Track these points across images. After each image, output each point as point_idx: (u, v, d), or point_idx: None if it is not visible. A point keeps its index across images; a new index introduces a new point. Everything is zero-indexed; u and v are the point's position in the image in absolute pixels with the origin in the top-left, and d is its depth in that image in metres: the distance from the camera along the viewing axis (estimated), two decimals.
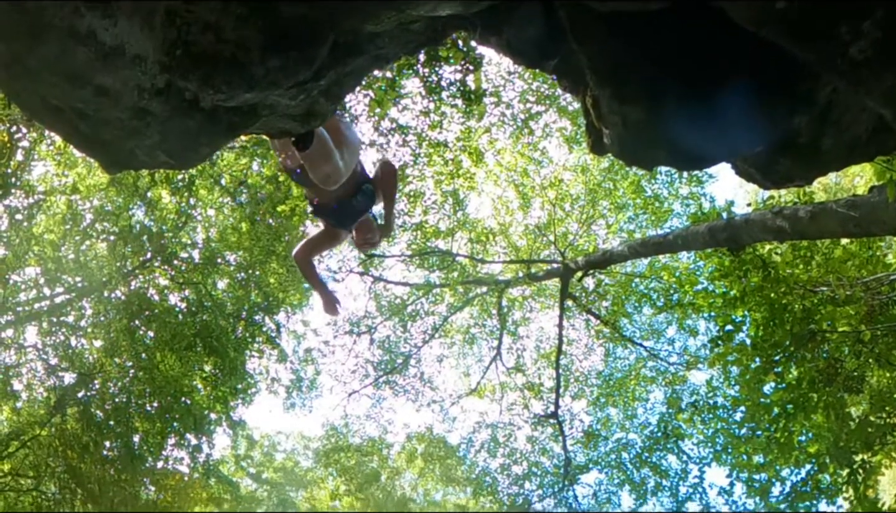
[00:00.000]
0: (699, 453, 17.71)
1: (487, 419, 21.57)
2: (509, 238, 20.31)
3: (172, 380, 14.99)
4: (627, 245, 15.36)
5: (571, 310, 19.93)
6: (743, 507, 15.49)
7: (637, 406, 20.48)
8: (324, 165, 3.98)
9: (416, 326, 20.50)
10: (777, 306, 12.08)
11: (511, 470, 20.72)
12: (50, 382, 13.92)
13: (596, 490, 19.70)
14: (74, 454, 13.01)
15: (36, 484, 13.48)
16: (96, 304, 13.62)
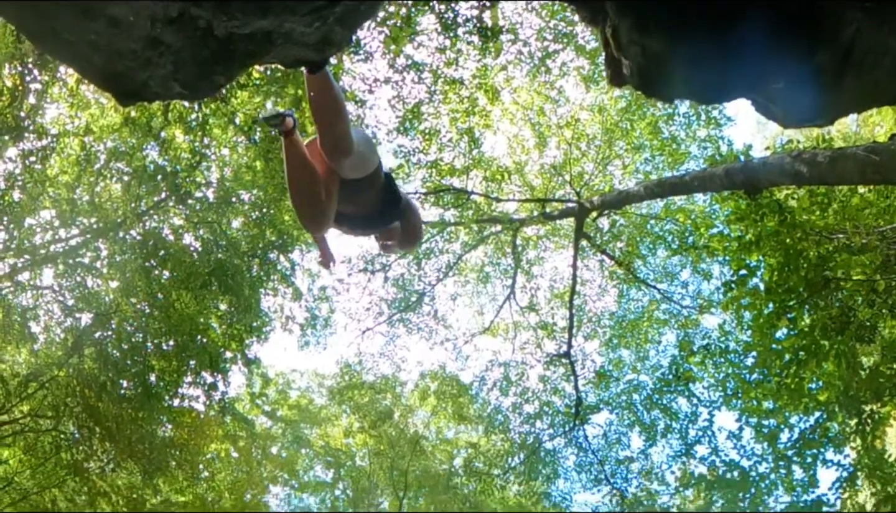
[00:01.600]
0: (709, 396, 17.78)
1: (500, 358, 21.65)
2: (524, 177, 20.21)
3: (188, 318, 15.09)
4: (643, 185, 15.27)
5: (585, 250, 19.91)
6: (751, 452, 15.55)
7: (649, 348, 20.57)
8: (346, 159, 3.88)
9: (430, 264, 20.50)
10: (792, 252, 11.99)
11: (522, 409, 20.86)
12: (67, 323, 14.04)
13: (606, 431, 19.87)
14: (92, 393, 13.18)
15: (55, 424, 13.69)
16: (111, 244, 13.67)
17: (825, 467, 13.84)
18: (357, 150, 3.73)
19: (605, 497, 19.70)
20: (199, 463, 16.80)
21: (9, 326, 12.52)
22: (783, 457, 14.50)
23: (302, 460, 25.04)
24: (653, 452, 19.29)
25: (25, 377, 13.62)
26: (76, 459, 13.50)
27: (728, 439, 16.48)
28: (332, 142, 3.62)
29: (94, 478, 13.80)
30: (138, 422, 14.18)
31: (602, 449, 19.88)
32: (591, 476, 19.93)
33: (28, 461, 14.65)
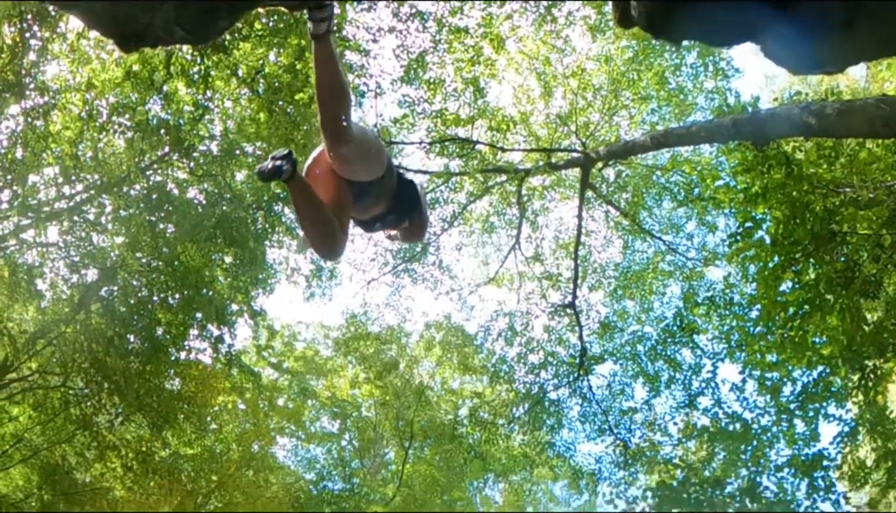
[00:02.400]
0: (713, 348, 17.83)
1: (505, 308, 21.68)
2: (530, 127, 20.05)
3: (193, 271, 15.13)
4: (649, 135, 15.15)
5: (591, 201, 19.84)
6: (754, 405, 15.64)
7: (654, 300, 20.59)
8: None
9: (435, 214, 20.41)
10: (798, 205, 11.91)
11: (527, 359, 20.91)
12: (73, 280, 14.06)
13: (610, 381, 19.97)
14: (99, 348, 13.25)
15: (63, 380, 13.79)
16: (115, 199, 13.63)
17: (827, 421, 13.94)
18: (358, 140, 3.62)
19: (609, 447, 19.85)
20: (207, 416, 16.96)
21: (15, 284, 12.55)
22: (785, 410, 14.59)
23: (308, 411, 25.23)
24: (656, 403, 19.41)
25: (33, 335, 13.70)
26: (85, 413, 13.60)
27: (731, 392, 16.57)
28: (329, 124, 3.50)
29: (103, 432, 13.92)
30: (146, 376, 14.28)
31: (606, 400, 19.99)
32: (594, 426, 20.06)
33: (37, 418, 14.80)
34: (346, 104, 3.50)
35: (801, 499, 14.28)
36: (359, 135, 3.64)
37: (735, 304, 16.75)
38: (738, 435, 15.92)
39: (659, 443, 19.40)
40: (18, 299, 13.04)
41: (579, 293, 19.72)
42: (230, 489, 16.93)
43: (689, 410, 18.52)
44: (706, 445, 17.39)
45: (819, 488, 13.77)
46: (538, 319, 21.35)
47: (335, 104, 3.48)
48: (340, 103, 3.49)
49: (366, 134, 3.80)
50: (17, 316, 13.96)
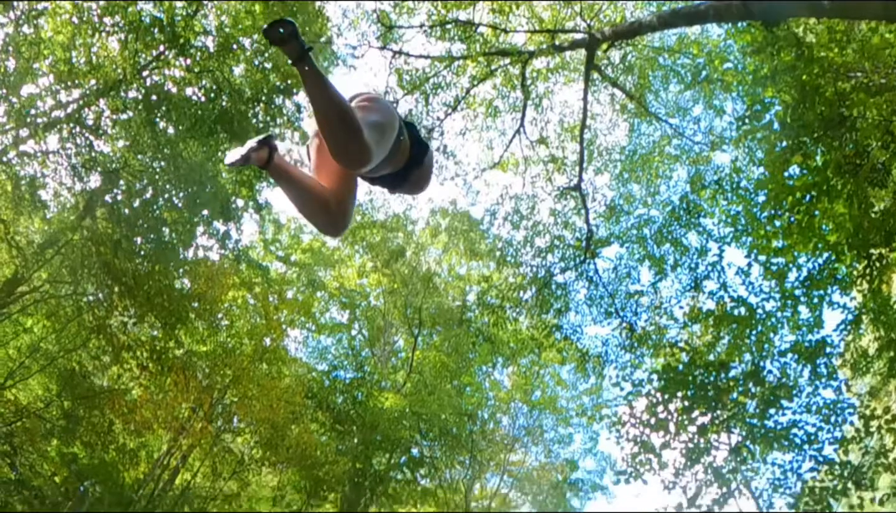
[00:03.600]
0: (719, 232, 17.78)
1: (510, 192, 21.58)
2: (533, 9, 19.48)
3: (196, 167, 15.03)
4: (657, 15, 14.75)
5: (596, 83, 19.47)
6: (759, 289, 15.70)
7: (660, 184, 20.44)
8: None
9: (438, 99, 20.05)
10: (808, 88, 11.68)
11: (534, 242, 20.93)
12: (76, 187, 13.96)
13: (616, 264, 20.04)
14: (107, 251, 13.27)
15: (74, 288, 13.87)
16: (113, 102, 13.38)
17: (831, 308, 14.03)
18: (376, 149, 3.10)
19: (615, 330, 20.09)
20: (218, 312, 17.15)
21: (19, 197, 12.48)
22: (790, 296, 14.66)
23: (317, 302, 25.47)
24: (662, 286, 19.52)
25: (41, 245, 13.72)
26: (98, 318, 13.75)
27: (737, 276, 16.62)
28: (339, 157, 3.00)
29: (116, 334, 14.10)
30: (155, 277, 14.35)
31: (612, 283, 20.11)
32: (601, 309, 20.24)
33: (51, 327, 14.98)
34: (353, 128, 2.90)
35: (803, 385, 14.54)
36: (374, 134, 3.08)
37: (742, 188, 16.61)
38: (742, 319, 16.06)
39: (664, 326, 19.62)
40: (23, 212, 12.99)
41: (585, 177, 19.63)
42: (244, 383, 17.26)
43: (695, 293, 18.66)
44: (711, 329, 17.58)
45: (821, 374, 14.00)
46: (544, 203, 21.34)
47: (342, 133, 2.93)
48: (347, 128, 2.92)
49: (382, 128, 3.21)
50: (24, 228, 13.95)
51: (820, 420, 14.17)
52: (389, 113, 3.34)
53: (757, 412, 15.61)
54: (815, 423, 14.31)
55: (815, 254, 13.60)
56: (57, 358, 14.83)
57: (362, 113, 3.08)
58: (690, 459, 16.70)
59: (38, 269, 13.49)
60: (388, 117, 3.30)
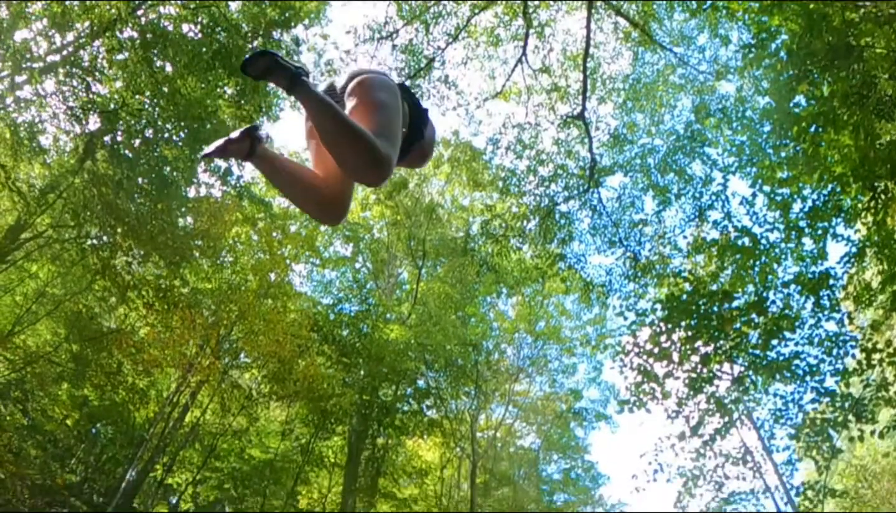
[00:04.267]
0: (724, 162, 17.64)
1: (513, 121, 21.36)
2: None
3: (195, 103, 14.89)
4: None
5: (600, 11, 19.12)
6: (763, 219, 15.63)
7: (664, 113, 20.21)
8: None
9: (439, 28, 19.70)
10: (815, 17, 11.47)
11: (537, 172, 20.81)
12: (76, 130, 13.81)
13: (620, 193, 19.97)
14: (109, 192, 13.22)
15: (77, 231, 13.84)
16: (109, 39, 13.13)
17: (835, 240, 14.00)
18: (394, 155, 2.81)
19: (619, 260, 20.11)
20: (222, 249, 17.16)
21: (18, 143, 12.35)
22: (794, 227, 14.62)
23: (321, 236, 25.39)
24: (666, 215, 19.47)
25: (42, 190, 13.67)
26: (102, 259, 13.76)
27: (741, 206, 16.56)
28: (361, 181, 2.79)
29: (122, 274, 14.13)
30: (158, 215, 14.33)
31: (616, 212, 20.06)
32: (604, 239, 20.23)
33: (56, 271, 15.02)
34: (367, 148, 2.59)
35: (805, 317, 14.61)
36: (389, 140, 2.78)
37: (747, 118, 16.44)
38: (746, 250, 16.05)
39: (668, 256, 19.63)
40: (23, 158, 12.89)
41: (588, 106, 19.42)
42: (250, 318, 17.35)
43: (699, 223, 18.62)
44: (715, 259, 17.60)
45: (824, 306, 14.04)
46: (547, 132, 21.16)
47: (358, 158, 2.65)
48: (361, 151, 2.63)
49: (393, 127, 2.94)
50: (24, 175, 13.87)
51: (822, 352, 14.28)
52: (393, 98, 3.07)
53: (759, 343, 15.72)
54: (817, 355, 14.42)
55: (820, 185, 13.52)
56: (63, 302, 14.90)
57: (368, 114, 2.85)
58: (693, 388, 16.89)
59: (41, 214, 13.44)
60: (394, 107, 3.03)
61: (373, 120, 2.80)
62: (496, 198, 22.52)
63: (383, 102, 2.97)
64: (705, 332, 16.35)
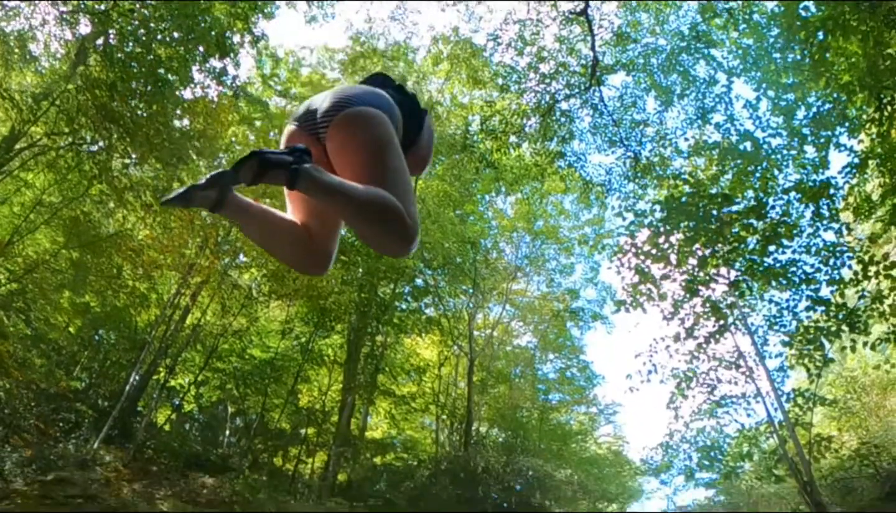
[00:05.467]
0: (728, 64, 17.34)
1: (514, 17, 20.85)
2: None
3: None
4: None
5: None
6: (766, 124, 15.47)
7: (669, 12, 19.72)
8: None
9: None
10: None
11: (538, 69, 20.45)
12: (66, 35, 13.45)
13: (622, 93, 19.71)
14: (103, 94, 12.97)
15: (72, 138, 13.65)
16: None
17: (837, 150, 13.88)
18: (413, 199, 2.56)
19: (619, 159, 20.01)
20: (219, 150, 16.99)
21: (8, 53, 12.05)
22: (797, 134, 14.49)
23: None
24: (668, 117, 19.28)
25: (35, 98, 13.41)
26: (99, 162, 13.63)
27: (744, 109, 16.37)
28: (390, 255, 2.53)
29: (119, 177, 14.03)
30: (154, 117, 14.12)
31: (617, 111, 19.83)
32: (605, 138, 20.08)
33: (52, 178, 14.90)
34: (389, 219, 2.37)
35: (804, 225, 14.62)
36: (404, 189, 2.55)
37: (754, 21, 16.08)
38: (748, 155, 15.97)
39: (669, 158, 19.52)
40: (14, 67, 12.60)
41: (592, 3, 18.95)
42: None
43: (701, 125, 18.46)
44: (715, 162, 17.51)
45: (823, 216, 14.03)
46: (549, 29, 20.64)
47: (383, 236, 2.43)
48: (374, 223, 2.40)
49: (401, 169, 2.65)
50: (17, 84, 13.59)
51: (819, 261, 14.35)
52: (391, 132, 2.72)
53: (757, 249, 15.79)
54: (813, 264, 14.49)
55: (826, 93, 13.34)
56: (60, 209, 14.84)
57: (371, 167, 2.55)
58: (689, 291, 17.05)
59: (35, 122, 13.24)
60: (396, 146, 2.69)
61: (380, 174, 2.51)
62: (496, 96, 22.16)
63: (385, 147, 2.62)
64: (703, 235, 16.40)
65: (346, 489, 21.52)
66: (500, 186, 24.81)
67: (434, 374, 26.87)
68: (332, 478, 20.78)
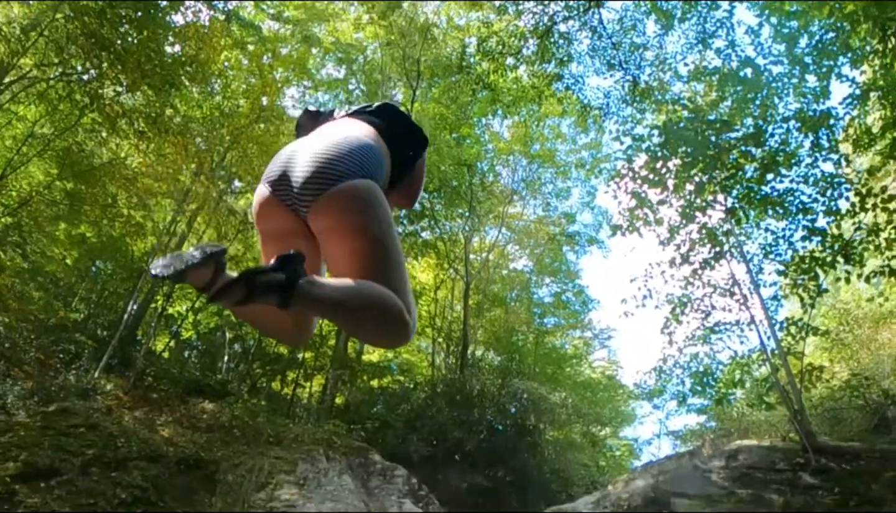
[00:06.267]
0: None
1: None
2: None
3: None
4: None
5: None
6: (768, 51, 15.23)
7: None
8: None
9: None
10: None
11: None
12: None
13: (622, 15, 19.38)
14: (93, 21, 12.68)
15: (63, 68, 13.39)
16: None
17: (839, 81, 13.70)
18: (412, 299, 2.41)
19: (617, 83, 19.78)
20: (212, 75, 16.69)
21: None
22: (799, 62, 14.28)
23: (313, 59, 24.65)
24: (668, 41, 18.98)
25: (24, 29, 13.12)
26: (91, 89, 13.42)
27: (746, 34, 16.11)
28: (383, 348, 2.33)
29: (111, 104, 13.81)
30: (144, 43, 13.84)
31: (616, 34, 19.52)
32: (604, 61, 19.80)
33: (44, 109, 14.68)
34: (381, 320, 2.25)
35: (803, 155, 14.53)
36: (400, 279, 2.38)
37: None
38: (748, 81, 15.78)
39: (668, 82, 19.30)
40: None
41: None
42: (243, 143, 17.17)
43: (702, 50, 18.19)
44: (715, 88, 17.31)
45: (822, 146, 13.93)
46: None
47: (370, 332, 2.39)
48: (373, 326, 2.30)
49: (397, 258, 2.45)
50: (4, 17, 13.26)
51: (816, 192, 14.30)
52: (385, 208, 2.48)
53: (755, 177, 15.73)
54: (811, 194, 14.45)
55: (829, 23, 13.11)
56: (53, 140, 14.66)
57: (366, 254, 2.35)
58: (686, 217, 17.05)
59: (24, 53, 12.98)
60: (391, 224, 2.47)
61: (377, 267, 2.33)
62: (493, 18, 21.76)
63: (382, 233, 2.39)
64: (701, 161, 16.33)
65: (343, 412, 21.86)
66: (496, 109, 24.53)
67: (430, 297, 27.03)
68: (329, 401, 21.11)
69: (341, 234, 2.36)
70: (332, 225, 2.36)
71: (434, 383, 24.81)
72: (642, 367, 62.16)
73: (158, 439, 12.35)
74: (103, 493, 10.11)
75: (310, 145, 2.52)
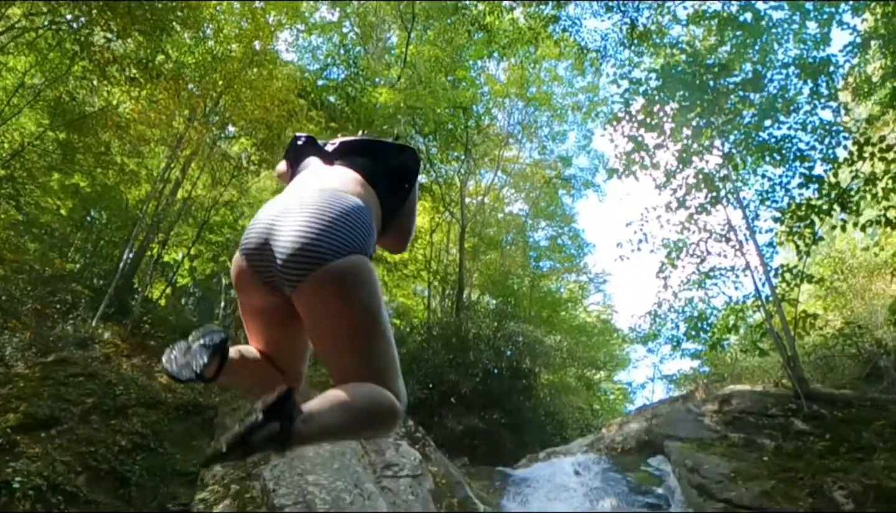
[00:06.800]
0: None
1: None
2: None
3: None
4: None
5: None
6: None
7: None
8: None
9: None
10: None
11: None
12: None
13: None
14: None
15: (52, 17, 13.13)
16: None
17: (840, 28, 13.57)
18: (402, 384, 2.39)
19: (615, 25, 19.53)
20: (203, 20, 16.40)
21: None
22: (800, 8, 14.13)
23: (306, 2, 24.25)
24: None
25: None
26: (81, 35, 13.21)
27: None
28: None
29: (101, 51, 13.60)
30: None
31: None
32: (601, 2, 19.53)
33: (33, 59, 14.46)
34: (376, 423, 2.25)
35: (801, 102, 14.45)
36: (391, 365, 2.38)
37: None
38: (748, 26, 15.63)
39: (666, 26, 19.05)
40: None
41: None
42: (236, 87, 16.95)
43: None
44: (714, 32, 17.14)
45: (821, 93, 13.84)
46: None
47: (367, 434, 2.41)
48: (368, 430, 2.34)
49: (389, 345, 2.42)
50: None
51: (814, 139, 14.25)
52: (377, 290, 2.43)
53: (753, 122, 15.67)
54: (808, 141, 14.41)
55: None
56: (43, 90, 14.47)
57: (360, 342, 2.32)
58: (682, 161, 17.01)
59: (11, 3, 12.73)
60: (382, 306, 2.42)
61: (366, 353, 2.32)
62: None
63: (372, 317, 2.35)
64: (699, 105, 16.25)
65: None
66: (492, 52, 24.23)
67: (426, 240, 27.00)
68: None
69: (326, 316, 2.31)
70: (317, 307, 2.31)
71: (430, 326, 24.95)
72: (637, 311, 62.56)
73: (157, 386, 12.43)
74: (104, 440, 10.23)
75: (293, 211, 2.41)
